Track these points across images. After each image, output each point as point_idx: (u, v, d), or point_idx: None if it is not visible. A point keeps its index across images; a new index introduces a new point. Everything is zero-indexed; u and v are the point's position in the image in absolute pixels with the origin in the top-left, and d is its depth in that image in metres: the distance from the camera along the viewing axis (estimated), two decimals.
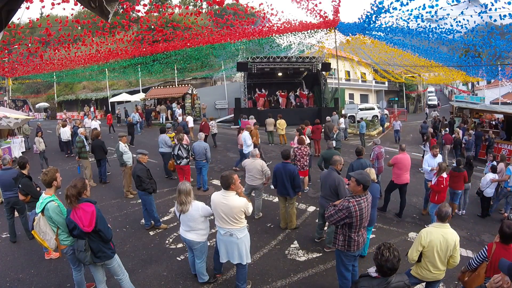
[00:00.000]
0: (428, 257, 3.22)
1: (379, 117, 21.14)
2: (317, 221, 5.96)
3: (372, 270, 2.39)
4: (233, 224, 3.57)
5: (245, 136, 8.93)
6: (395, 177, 6.60)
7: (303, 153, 7.11)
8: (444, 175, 5.99)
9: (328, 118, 12.64)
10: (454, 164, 6.94)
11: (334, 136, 10.04)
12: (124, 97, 27.13)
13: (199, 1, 41.54)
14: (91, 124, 13.74)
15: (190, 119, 14.71)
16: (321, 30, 18.41)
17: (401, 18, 10.97)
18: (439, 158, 6.95)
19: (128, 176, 7.20)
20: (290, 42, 23.41)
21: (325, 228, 5.28)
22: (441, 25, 11.21)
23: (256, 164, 5.79)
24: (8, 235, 5.44)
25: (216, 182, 8.31)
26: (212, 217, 3.78)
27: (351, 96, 33.39)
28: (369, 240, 4.89)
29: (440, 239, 3.15)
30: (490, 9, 8.28)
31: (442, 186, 5.88)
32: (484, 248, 3.21)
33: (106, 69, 26.53)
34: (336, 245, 3.54)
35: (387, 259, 2.25)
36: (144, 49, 16.48)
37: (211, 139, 12.62)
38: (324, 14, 14.81)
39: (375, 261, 2.33)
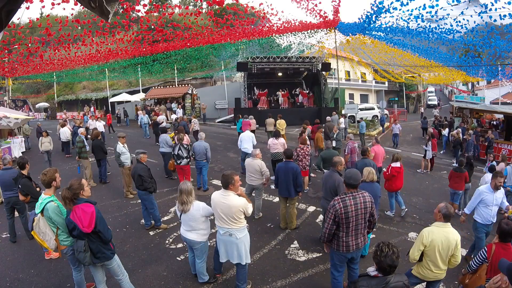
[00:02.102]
0: (429, 256, 3.22)
1: (379, 117, 21.14)
2: (317, 221, 5.97)
3: (371, 270, 2.39)
4: (232, 224, 3.56)
5: (251, 135, 8.99)
6: None
7: (305, 153, 7.13)
8: (398, 164, 6.24)
9: (328, 118, 12.63)
10: (455, 164, 6.95)
11: (334, 136, 10.04)
12: (124, 97, 27.13)
13: (199, 1, 41.57)
14: (95, 125, 13.19)
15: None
16: (321, 30, 18.39)
17: (401, 18, 10.95)
18: (501, 193, 4.60)
19: (126, 176, 7.20)
20: (290, 42, 23.43)
21: None
22: (441, 25, 11.20)
23: (254, 164, 5.79)
24: (8, 235, 5.44)
25: (216, 182, 8.31)
26: (212, 217, 3.78)
27: (351, 96, 33.40)
28: (369, 239, 4.89)
29: (442, 239, 3.15)
30: (490, 9, 8.27)
31: (391, 174, 6.23)
32: (483, 249, 3.21)
33: (106, 69, 26.53)
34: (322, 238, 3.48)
35: (386, 254, 2.27)
36: (144, 49, 16.47)
37: (192, 137, 12.57)
38: (324, 14, 14.80)
39: (375, 258, 2.34)
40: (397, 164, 6.32)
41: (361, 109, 21.29)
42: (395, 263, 2.27)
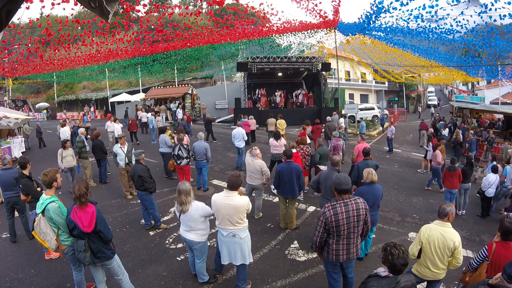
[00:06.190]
0: (426, 253, 3.24)
1: (379, 117, 21.14)
2: None
3: (380, 270, 2.39)
4: (237, 225, 3.56)
5: (242, 132, 9.48)
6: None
7: (305, 153, 7.14)
8: (294, 150, 6.44)
9: (328, 118, 12.63)
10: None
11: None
12: (124, 97, 27.13)
13: (199, 1, 41.58)
14: (114, 128, 12.09)
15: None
16: (321, 30, 18.40)
17: (401, 18, 10.96)
18: None
19: (122, 177, 7.21)
20: (290, 42, 23.44)
21: None
22: (441, 25, 11.20)
23: (255, 164, 5.78)
24: (8, 235, 5.44)
25: (216, 182, 8.31)
26: (212, 217, 3.78)
27: (351, 96, 33.39)
28: (371, 240, 4.90)
29: (438, 236, 3.16)
30: (490, 9, 8.27)
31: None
32: (484, 248, 3.21)
33: (106, 69, 26.55)
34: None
35: (398, 256, 2.28)
36: (144, 49, 16.50)
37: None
38: (324, 14, 14.80)
39: (386, 262, 2.33)
40: (294, 150, 6.47)
41: (361, 109, 21.30)
42: (407, 261, 2.31)
